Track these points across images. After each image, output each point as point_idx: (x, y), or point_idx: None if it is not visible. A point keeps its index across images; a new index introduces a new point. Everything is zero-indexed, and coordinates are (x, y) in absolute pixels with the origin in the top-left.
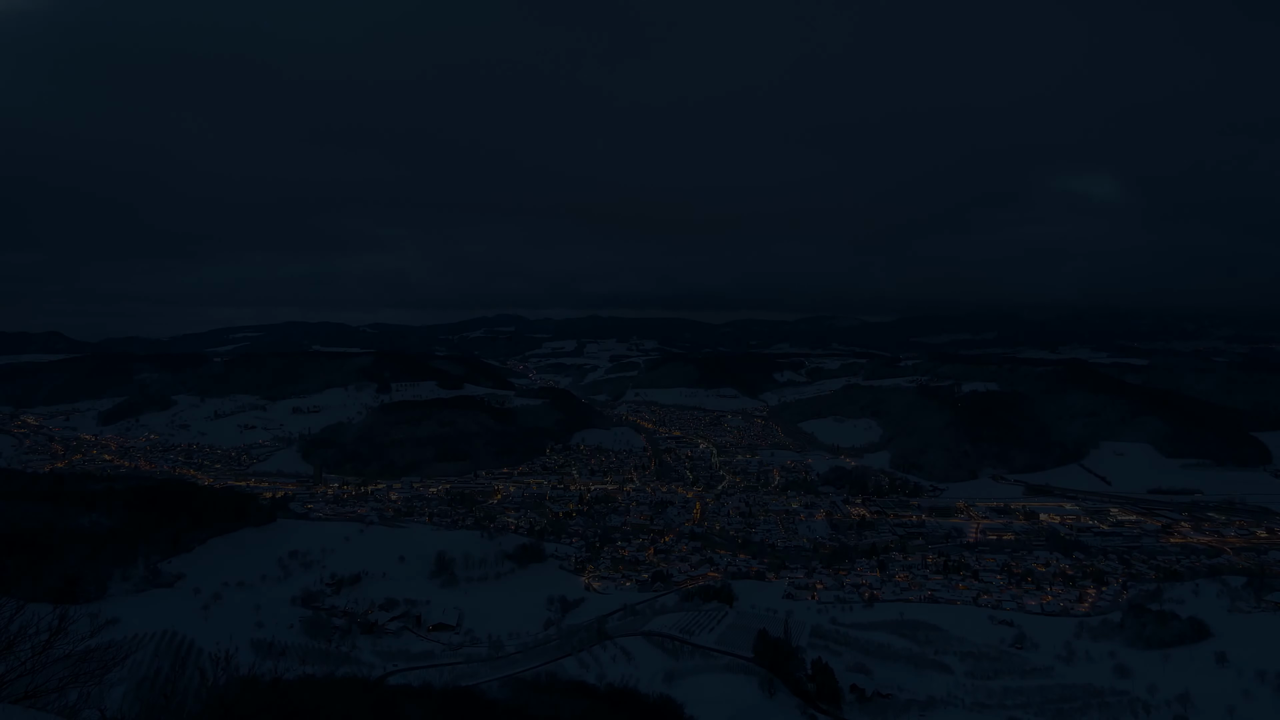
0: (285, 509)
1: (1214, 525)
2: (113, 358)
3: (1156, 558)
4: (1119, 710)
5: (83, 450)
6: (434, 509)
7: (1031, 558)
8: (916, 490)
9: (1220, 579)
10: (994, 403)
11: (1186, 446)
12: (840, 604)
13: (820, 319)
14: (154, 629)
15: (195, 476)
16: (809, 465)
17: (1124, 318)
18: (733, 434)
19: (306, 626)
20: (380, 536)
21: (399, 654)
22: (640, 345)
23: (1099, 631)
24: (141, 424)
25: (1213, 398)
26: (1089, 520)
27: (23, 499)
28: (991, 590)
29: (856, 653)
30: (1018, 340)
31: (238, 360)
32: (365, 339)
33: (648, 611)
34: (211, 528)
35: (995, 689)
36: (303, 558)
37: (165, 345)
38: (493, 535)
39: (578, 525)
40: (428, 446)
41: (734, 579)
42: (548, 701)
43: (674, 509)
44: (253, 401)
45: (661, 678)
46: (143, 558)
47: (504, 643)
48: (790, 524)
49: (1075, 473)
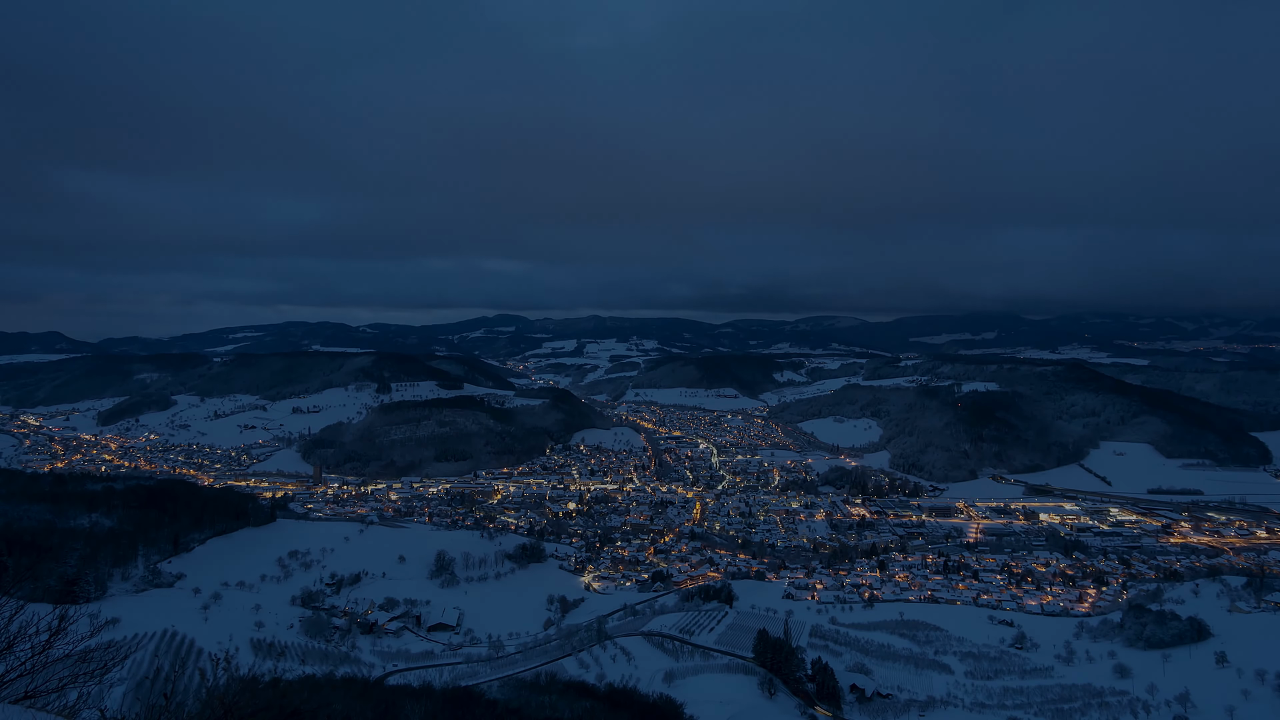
0: (285, 509)
1: (1214, 525)
2: (113, 358)
3: (1156, 558)
4: (1119, 710)
5: (83, 450)
6: (434, 509)
7: (1031, 558)
8: (916, 490)
9: (1220, 579)
10: (994, 403)
11: (1186, 447)
12: (840, 604)
13: (820, 319)
14: (154, 629)
15: (195, 476)
16: (809, 465)
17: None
18: (733, 434)
19: (306, 626)
20: (380, 536)
21: (399, 654)
22: (640, 345)
23: (1099, 632)
24: (141, 424)
25: (1213, 398)
26: (1089, 520)
27: (23, 499)
28: (991, 590)
29: (856, 653)
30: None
31: (238, 360)
32: (365, 339)
33: (648, 611)
34: (211, 528)
35: (995, 689)
36: (302, 558)
37: (165, 345)
38: (493, 535)
39: (578, 525)
40: (428, 446)
41: (734, 579)
42: (548, 702)
43: (674, 509)
44: (252, 401)
45: (661, 678)
46: (143, 558)
47: (504, 643)
48: (790, 524)
49: (1075, 473)
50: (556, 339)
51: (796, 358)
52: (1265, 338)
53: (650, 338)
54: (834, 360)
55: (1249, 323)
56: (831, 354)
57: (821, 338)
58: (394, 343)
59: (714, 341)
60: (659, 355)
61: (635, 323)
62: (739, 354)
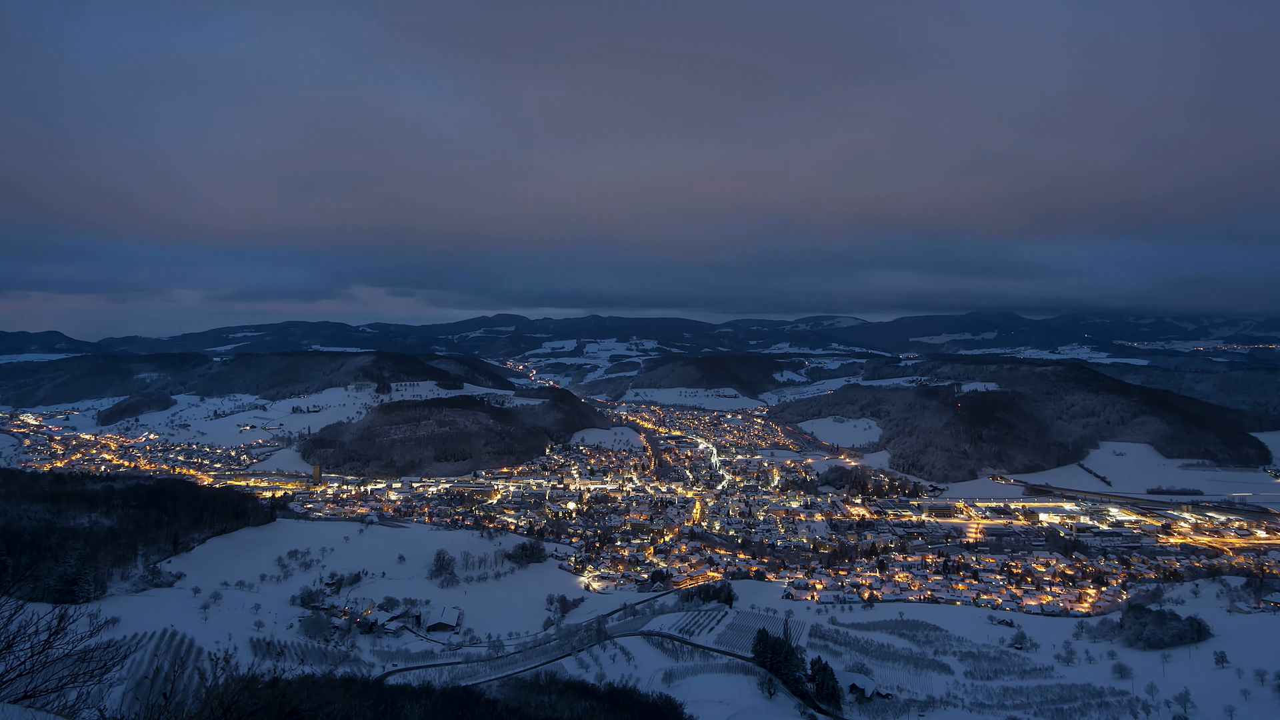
0: (285, 509)
1: (1214, 525)
2: (113, 358)
3: (1156, 558)
4: (1118, 710)
5: (82, 450)
6: (433, 509)
7: (1031, 558)
8: (916, 490)
9: (1220, 579)
10: (994, 403)
11: (1186, 447)
12: (840, 604)
13: (820, 319)
14: (153, 629)
15: (195, 476)
16: (809, 465)
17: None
18: (733, 434)
19: (306, 626)
20: (380, 536)
21: (398, 654)
22: (640, 345)
23: (1099, 632)
24: (141, 424)
25: (1212, 398)
26: (1089, 520)
27: (22, 498)
28: (991, 590)
29: (856, 653)
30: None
31: (237, 360)
32: (365, 339)
33: (647, 611)
34: (211, 527)
35: (995, 689)
36: (302, 557)
37: (165, 345)
38: (492, 535)
39: (577, 525)
40: (427, 446)
41: (733, 579)
42: (547, 702)
43: (674, 509)
44: (252, 401)
45: (661, 678)
46: (142, 557)
47: (503, 642)
48: (790, 524)
49: (1075, 473)
50: (556, 339)
51: (796, 358)
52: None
53: (650, 338)
54: (834, 360)
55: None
56: (831, 354)
57: (821, 338)
58: (394, 342)
59: (714, 341)
60: (659, 355)
61: (635, 323)
62: (739, 354)
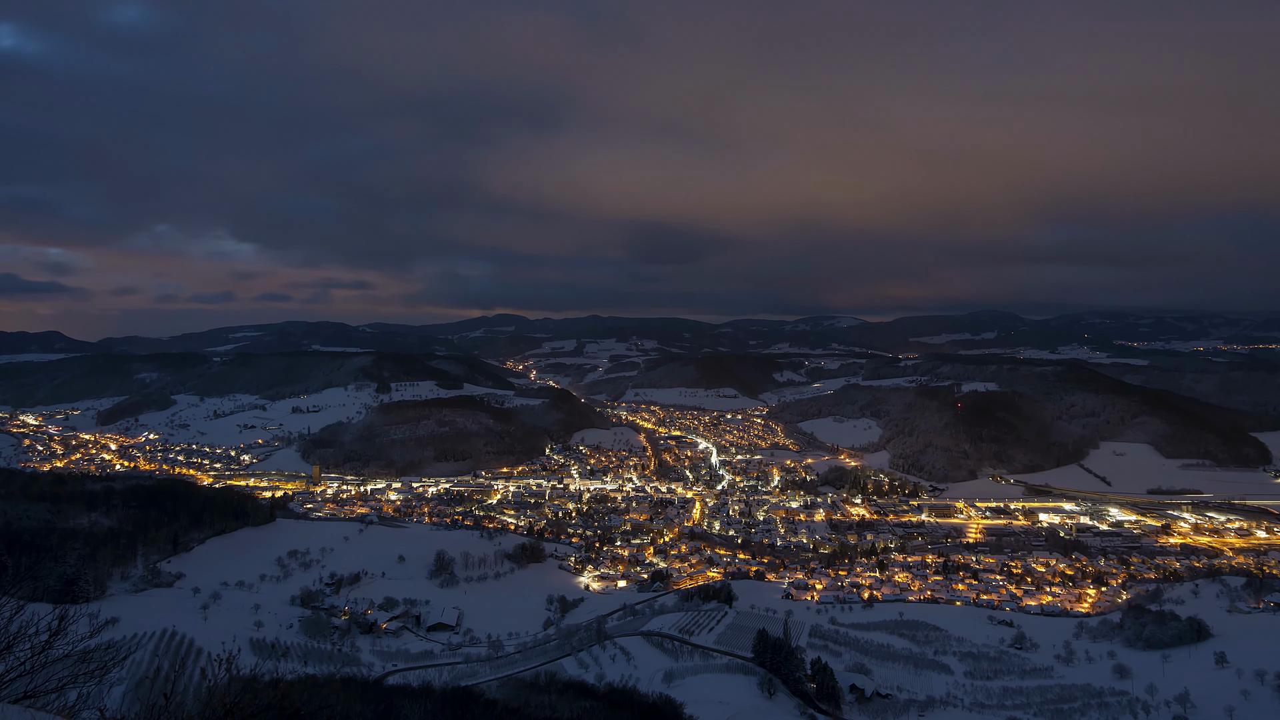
0: (285, 509)
1: (1214, 525)
2: (113, 358)
3: (1156, 558)
4: (1118, 711)
5: (82, 450)
6: (433, 509)
7: (1031, 558)
8: (916, 490)
9: (1220, 579)
10: (994, 403)
11: (1186, 447)
12: (840, 604)
13: (820, 319)
14: (153, 629)
15: (195, 476)
16: (809, 465)
17: (1124, 317)
18: (732, 434)
19: (306, 626)
20: (379, 536)
21: (398, 654)
22: (640, 345)
23: (1098, 632)
24: (141, 423)
25: (1213, 398)
26: (1088, 520)
27: (22, 498)
28: (991, 590)
29: (856, 653)
30: (1018, 340)
31: (237, 360)
32: (365, 338)
33: (647, 611)
34: (211, 527)
35: (995, 689)
36: (302, 557)
37: (165, 345)
38: (492, 535)
39: (577, 525)
40: (427, 446)
41: (733, 579)
42: (547, 702)
43: (674, 509)
44: (252, 401)
45: (661, 678)
46: (142, 557)
47: (503, 643)
48: (790, 524)
49: (1075, 473)
50: (556, 339)
51: (796, 358)
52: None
53: (650, 338)
54: (834, 360)
55: (1249, 323)
56: (831, 354)
57: (821, 338)
58: (394, 342)
59: (714, 341)
60: (659, 355)
61: (635, 323)
62: (739, 354)
